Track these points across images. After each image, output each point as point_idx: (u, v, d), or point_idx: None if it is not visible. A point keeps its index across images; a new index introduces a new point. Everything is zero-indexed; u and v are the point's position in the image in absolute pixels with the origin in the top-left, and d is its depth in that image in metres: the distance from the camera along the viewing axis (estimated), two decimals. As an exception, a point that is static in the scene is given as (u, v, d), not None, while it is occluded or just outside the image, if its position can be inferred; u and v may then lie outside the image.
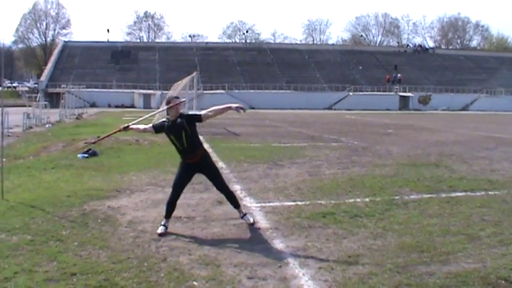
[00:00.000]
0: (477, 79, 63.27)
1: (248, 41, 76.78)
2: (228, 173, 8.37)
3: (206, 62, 61.05)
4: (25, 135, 17.81)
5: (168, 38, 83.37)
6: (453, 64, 68.47)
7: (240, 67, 62.02)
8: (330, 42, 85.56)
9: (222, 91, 50.68)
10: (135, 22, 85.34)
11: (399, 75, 59.90)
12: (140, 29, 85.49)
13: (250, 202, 6.30)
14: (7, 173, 7.82)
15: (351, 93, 54.65)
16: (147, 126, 5.38)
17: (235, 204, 5.33)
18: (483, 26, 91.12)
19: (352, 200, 6.47)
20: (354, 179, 8.04)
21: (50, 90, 48.15)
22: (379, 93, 55.05)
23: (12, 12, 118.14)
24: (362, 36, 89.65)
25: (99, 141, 6.69)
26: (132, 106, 46.52)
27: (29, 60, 77.92)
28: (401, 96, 54.84)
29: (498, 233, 5.04)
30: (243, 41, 77.22)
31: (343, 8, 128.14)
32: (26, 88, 62.17)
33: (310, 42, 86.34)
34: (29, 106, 24.07)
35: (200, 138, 5.23)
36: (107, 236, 4.83)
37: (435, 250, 4.48)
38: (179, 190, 5.17)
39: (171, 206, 5.13)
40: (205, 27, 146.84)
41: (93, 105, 46.03)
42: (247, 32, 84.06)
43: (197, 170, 5.20)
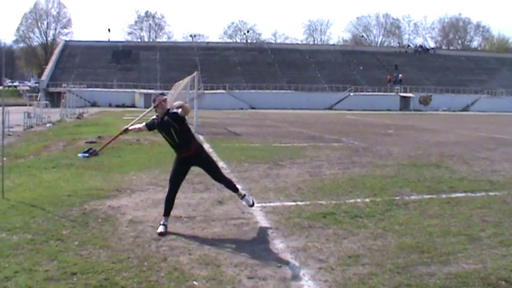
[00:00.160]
0: (478, 80, 63.25)
1: (249, 41, 76.79)
2: (229, 173, 8.36)
3: (207, 62, 61.06)
4: (26, 134, 17.81)
5: (169, 38, 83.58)
6: (454, 65, 68.44)
7: (241, 67, 61.99)
8: (331, 42, 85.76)
9: (223, 91, 50.74)
10: (136, 22, 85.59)
11: (400, 75, 59.83)
12: (141, 29, 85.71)
13: (250, 202, 6.29)
14: (8, 172, 7.83)
15: (352, 93, 54.62)
16: (141, 125, 5.47)
17: (234, 189, 5.52)
18: (484, 27, 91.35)
19: (352, 201, 6.47)
20: (355, 180, 8.04)
21: (51, 89, 48.17)
22: (379, 93, 55.01)
23: (13, 11, 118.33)
24: (363, 36, 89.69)
25: (104, 147, 6.74)
26: (133, 106, 46.50)
27: (30, 59, 77.96)
28: (402, 96, 54.82)
29: (498, 234, 5.05)
30: (244, 41, 77.23)
31: (344, 8, 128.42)
32: (27, 87, 62.08)
33: (311, 42, 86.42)
34: (30, 105, 24.08)
35: (201, 138, 5.24)
36: (107, 236, 4.84)
37: (435, 251, 4.48)
38: (176, 185, 5.23)
39: (170, 203, 5.18)
40: (206, 27, 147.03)
41: (94, 104, 46.06)
42: (248, 32, 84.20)
43: (192, 164, 5.28)
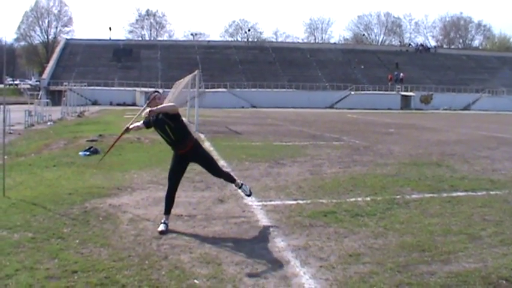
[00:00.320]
0: (479, 79, 63.12)
1: (250, 40, 76.78)
2: (230, 172, 8.34)
3: (208, 61, 61.00)
4: (27, 132, 17.83)
5: (170, 36, 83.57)
6: (455, 64, 68.32)
7: (242, 66, 61.96)
8: (332, 41, 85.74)
9: (224, 89, 50.71)
10: (137, 20, 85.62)
11: (402, 74, 59.78)
12: (142, 27, 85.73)
13: (251, 200, 6.28)
14: (9, 171, 7.85)
15: (353, 92, 54.57)
16: (140, 123, 5.47)
17: (231, 180, 5.60)
18: (485, 26, 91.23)
19: (353, 199, 6.47)
20: (355, 178, 8.04)
21: (52, 87, 48.26)
22: (380, 92, 54.93)
23: (14, 9, 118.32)
24: (364, 35, 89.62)
25: (109, 151, 6.76)
26: (134, 104, 46.45)
27: (31, 57, 77.96)
28: (403, 95, 54.76)
29: (499, 233, 5.04)
30: (245, 40, 77.22)
31: (345, 7, 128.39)
32: (28, 86, 62.11)
33: (312, 41, 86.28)
34: (31, 104, 24.14)
35: (201, 136, 5.25)
36: (108, 234, 4.84)
37: (436, 249, 4.48)
38: (175, 182, 5.24)
39: (170, 200, 5.19)
40: (207, 25, 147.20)
41: (94, 103, 46.12)
42: (249, 31, 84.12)
43: (190, 160, 5.28)
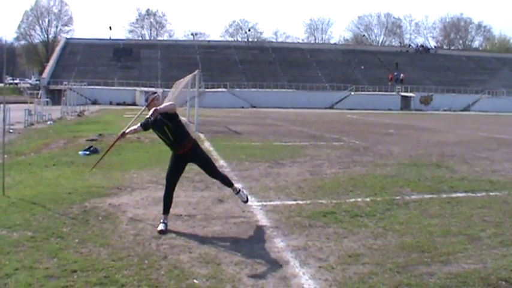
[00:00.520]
0: (479, 80, 63.15)
1: (250, 40, 76.79)
2: (229, 172, 8.36)
3: (208, 60, 61.00)
4: (26, 132, 17.83)
5: (170, 36, 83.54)
6: (455, 65, 68.36)
7: (242, 66, 61.97)
8: (332, 41, 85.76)
9: (224, 89, 50.71)
10: (137, 20, 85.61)
11: (402, 74, 59.79)
12: (142, 27, 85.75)
13: (251, 201, 6.27)
14: (8, 170, 7.84)
15: (353, 92, 54.58)
16: (137, 126, 5.44)
17: (229, 184, 5.56)
18: (485, 27, 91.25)
19: (353, 200, 6.47)
20: (355, 179, 8.04)
21: (52, 87, 48.20)
22: (380, 93, 54.95)
23: (14, 8, 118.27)
24: (364, 35, 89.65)
25: (105, 155, 6.72)
26: (134, 104, 46.45)
27: (31, 57, 77.95)
28: (403, 96, 54.77)
29: (499, 234, 5.04)
30: (245, 40, 77.22)
31: (345, 8, 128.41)
32: (28, 85, 62.07)
33: (312, 41, 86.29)
34: (31, 103, 24.15)
35: (201, 136, 5.24)
36: (108, 234, 4.84)
37: (436, 250, 4.48)
38: (173, 182, 5.24)
39: (168, 200, 5.19)
40: (207, 25, 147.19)
41: (94, 102, 46.12)
42: (249, 31, 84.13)
43: (188, 161, 5.28)
